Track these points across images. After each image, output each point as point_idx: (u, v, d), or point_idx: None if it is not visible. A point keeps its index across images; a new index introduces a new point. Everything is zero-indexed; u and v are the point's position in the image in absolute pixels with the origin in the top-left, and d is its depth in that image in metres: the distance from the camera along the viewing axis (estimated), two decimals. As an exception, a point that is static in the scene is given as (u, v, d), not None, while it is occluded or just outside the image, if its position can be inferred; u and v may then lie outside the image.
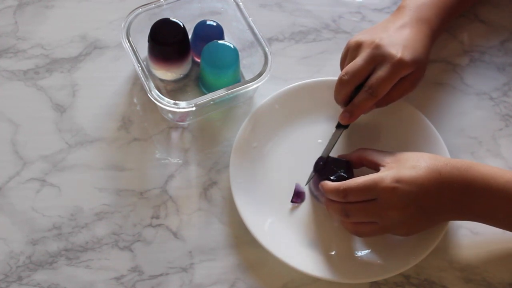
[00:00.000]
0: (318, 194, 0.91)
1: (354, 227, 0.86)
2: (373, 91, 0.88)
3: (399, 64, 0.88)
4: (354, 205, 0.85)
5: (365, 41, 0.91)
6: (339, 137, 0.93)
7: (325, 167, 0.90)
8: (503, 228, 0.86)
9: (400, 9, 0.96)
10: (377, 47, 0.89)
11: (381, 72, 0.88)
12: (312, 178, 0.92)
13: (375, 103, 0.90)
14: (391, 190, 0.82)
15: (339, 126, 0.93)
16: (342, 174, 0.89)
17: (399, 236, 0.87)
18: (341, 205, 0.85)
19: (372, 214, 0.84)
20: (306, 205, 0.93)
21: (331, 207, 0.87)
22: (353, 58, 0.91)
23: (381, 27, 0.93)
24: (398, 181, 0.82)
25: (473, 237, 0.92)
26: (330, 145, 0.93)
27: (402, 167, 0.84)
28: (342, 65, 0.94)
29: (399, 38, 0.91)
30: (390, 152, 0.89)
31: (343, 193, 0.84)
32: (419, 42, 0.91)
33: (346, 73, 0.90)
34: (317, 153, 0.96)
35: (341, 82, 0.90)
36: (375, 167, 0.88)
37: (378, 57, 0.89)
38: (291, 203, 0.93)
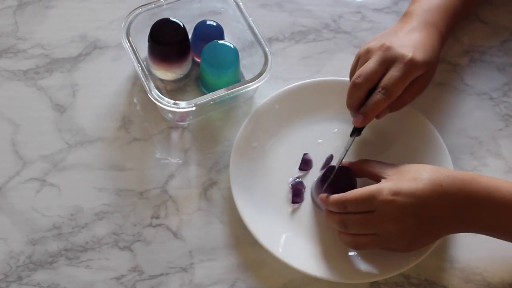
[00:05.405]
0: (319, 202, 0.91)
1: (352, 238, 0.86)
2: (387, 91, 0.87)
3: (411, 63, 0.88)
4: (352, 216, 0.84)
5: (375, 45, 0.90)
6: (351, 144, 0.91)
7: (327, 176, 0.90)
8: (508, 241, 0.85)
9: (407, 14, 0.96)
10: (388, 49, 0.89)
11: (394, 72, 0.88)
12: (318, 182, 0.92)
13: (389, 106, 0.89)
14: (389, 202, 0.82)
15: (353, 133, 0.92)
16: (344, 184, 0.89)
17: (401, 252, 0.86)
18: (339, 217, 0.85)
19: (370, 225, 0.84)
20: (306, 205, 0.93)
21: (330, 218, 0.87)
22: (364, 63, 0.90)
23: (389, 33, 0.93)
24: (396, 193, 0.82)
25: (473, 237, 0.91)
26: (343, 154, 0.91)
27: (402, 179, 0.84)
28: (352, 74, 0.92)
29: (409, 41, 0.90)
30: (393, 164, 0.88)
31: (342, 205, 0.84)
32: (429, 45, 0.91)
33: (359, 76, 0.88)
34: (317, 153, 0.96)
35: (354, 85, 0.89)
36: (377, 179, 0.87)
37: (390, 58, 0.88)
38: (292, 204, 0.93)
